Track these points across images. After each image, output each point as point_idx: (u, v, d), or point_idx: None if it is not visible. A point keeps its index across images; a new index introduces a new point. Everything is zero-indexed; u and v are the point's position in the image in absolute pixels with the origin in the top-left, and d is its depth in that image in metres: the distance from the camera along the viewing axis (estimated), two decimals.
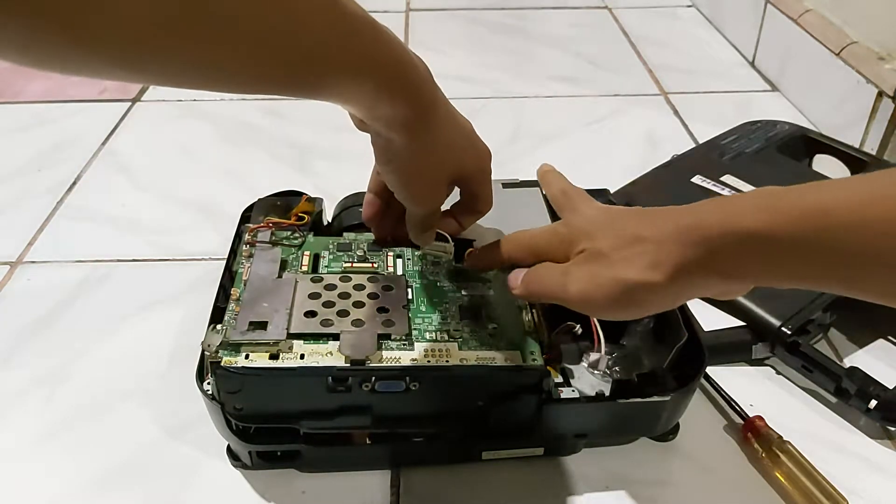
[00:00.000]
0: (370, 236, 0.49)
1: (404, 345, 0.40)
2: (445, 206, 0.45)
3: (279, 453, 0.43)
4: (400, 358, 0.40)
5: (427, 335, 0.41)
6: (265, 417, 0.40)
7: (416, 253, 0.48)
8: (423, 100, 0.37)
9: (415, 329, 0.42)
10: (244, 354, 0.39)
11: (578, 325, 0.44)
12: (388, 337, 0.41)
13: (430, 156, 0.39)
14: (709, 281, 0.34)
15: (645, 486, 0.44)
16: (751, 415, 0.46)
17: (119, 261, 0.62)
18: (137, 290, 0.58)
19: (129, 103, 0.85)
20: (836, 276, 0.30)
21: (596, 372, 0.44)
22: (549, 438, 0.44)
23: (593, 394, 0.43)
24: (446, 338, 0.41)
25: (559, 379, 0.44)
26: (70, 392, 0.50)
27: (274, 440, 0.42)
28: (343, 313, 0.42)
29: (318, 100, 0.34)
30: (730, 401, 0.48)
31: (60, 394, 0.50)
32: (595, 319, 0.44)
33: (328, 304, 0.42)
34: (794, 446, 0.44)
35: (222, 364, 0.38)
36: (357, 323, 0.41)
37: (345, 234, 0.49)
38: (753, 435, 0.45)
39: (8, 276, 0.60)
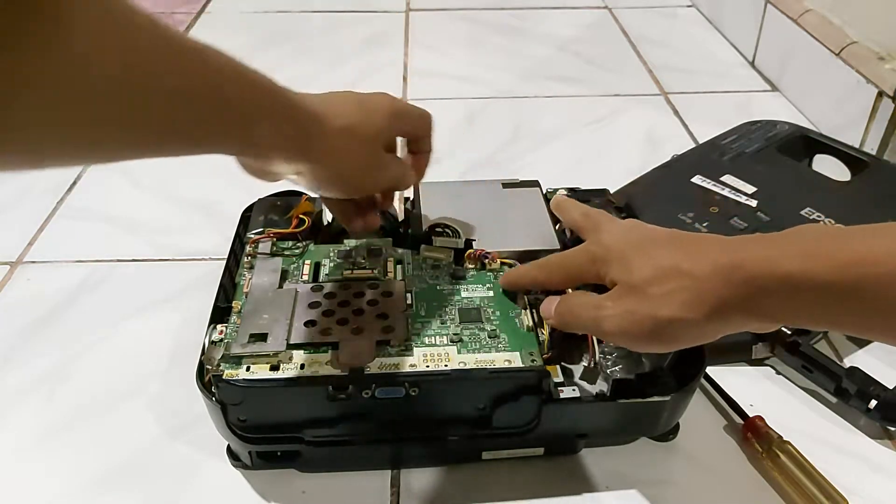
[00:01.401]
0: (371, 240, 0.49)
1: (403, 351, 0.41)
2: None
3: (279, 453, 0.43)
4: (399, 364, 0.40)
5: (426, 340, 0.42)
6: (269, 427, 0.41)
7: (416, 256, 0.48)
8: (304, 114, 0.37)
9: (414, 334, 0.42)
10: (245, 367, 0.39)
11: None
12: (387, 343, 0.41)
13: (345, 146, 0.39)
14: (746, 320, 0.34)
15: (645, 486, 0.44)
16: (751, 415, 0.46)
17: (119, 261, 0.62)
18: (137, 290, 0.58)
19: None
20: (876, 324, 0.30)
21: (590, 385, 0.44)
22: (549, 438, 0.44)
23: (593, 394, 0.43)
24: (445, 342, 0.41)
25: (559, 378, 0.44)
26: (70, 392, 0.50)
27: (274, 440, 0.42)
28: (342, 321, 0.42)
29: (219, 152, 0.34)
30: (730, 401, 0.48)
31: (60, 394, 0.50)
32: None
33: (328, 313, 0.42)
34: (794, 446, 0.44)
35: (224, 377, 0.39)
36: (356, 331, 0.41)
37: (345, 241, 0.49)
38: (753, 435, 0.45)
39: (8, 276, 0.60)
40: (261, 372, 0.39)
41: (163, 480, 0.44)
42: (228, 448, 0.44)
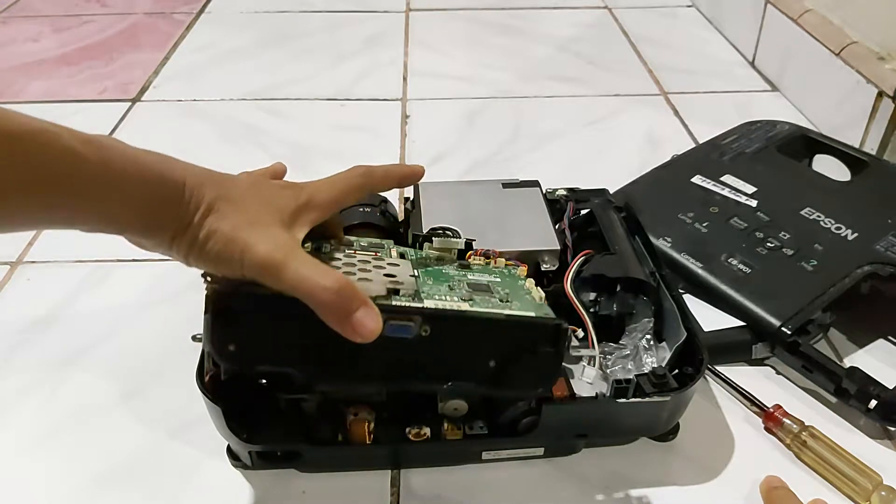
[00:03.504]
0: (372, 239, 0.48)
1: (413, 300, 0.37)
2: None
3: (279, 453, 0.43)
4: (409, 306, 0.37)
5: (436, 297, 0.39)
6: (260, 359, 0.36)
7: (421, 253, 0.47)
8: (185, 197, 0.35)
9: (423, 292, 0.39)
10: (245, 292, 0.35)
11: (580, 330, 0.44)
12: (396, 292, 0.38)
13: (251, 204, 0.36)
14: None
15: (645, 486, 0.44)
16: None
17: (119, 261, 0.62)
18: (137, 290, 0.58)
19: (129, 103, 0.85)
20: None
21: (590, 382, 0.44)
22: (549, 438, 0.44)
23: (593, 394, 0.43)
24: (457, 300, 0.39)
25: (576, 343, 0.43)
26: (70, 392, 0.50)
27: (274, 440, 0.42)
28: (349, 273, 0.38)
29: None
30: (745, 394, 0.48)
31: (60, 394, 0.50)
32: (593, 334, 0.44)
33: (334, 265, 0.39)
34: (819, 430, 0.45)
35: (221, 290, 0.35)
36: (364, 280, 0.38)
37: (345, 236, 0.49)
38: (776, 424, 0.46)
39: (8, 276, 0.60)
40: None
41: (163, 480, 0.44)
42: (228, 448, 0.44)
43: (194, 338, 0.40)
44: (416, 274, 0.42)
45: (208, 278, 0.36)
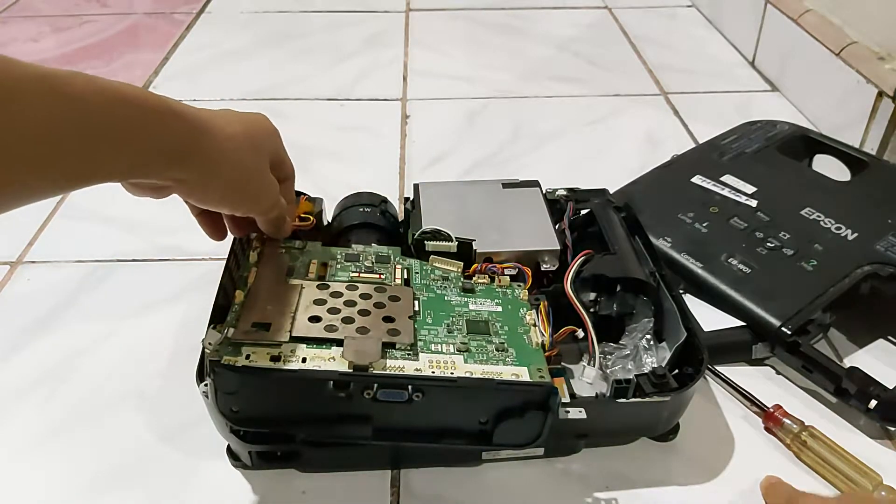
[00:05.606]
0: (379, 248, 0.49)
1: (409, 354, 0.40)
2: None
3: (279, 453, 0.43)
4: (404, 367, 0.39)
5: (432, 346, 0.41)
6: (262, 421, 0.40)
7: (425, 266, 0.48)
8: (186, 119, 0.36)
9: (420, 340, 0.41)
10: (245, 355, 0.38)
11: (580, 330, 0.44)
12: (392, 346, 0.40)
13: (234, 152, 0.39)
14: None
15: (645, 486, 0.44)
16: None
17: (119, 261, 0.62)
18: (137, 290, 0.59)
19: None
20: None
21: (590, 382, 0.44)
22: (549, 438, 0.44)
23: (593, 394, 0.43)
24: (452, 350, 0.41)
25: (566, 398, 0.43)
26: (70, 392, 0.50)
27: (274, 440, 0.42)
28: (348, 320, 0.41)
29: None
30: (745, 394, 0.48)
31: (60, 394, 0.50)
32: (593, 334, 0.44)
33: (333, 311, 0.42)
34: (819, 430, 0.45)
35: (222, 362, 0.37)
36: (362, 330, 0.40)
37: (353, 245, 0.49)
38: (776, 424, 0.46)
39: (8, 276, 0.60)
40: (260, 361, 0.38)
41: (163, 480, 0.44)
42: (228, 448, 0.44)
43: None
44: (417, 309, 0.44)
45: (208, 342, 0.38)
